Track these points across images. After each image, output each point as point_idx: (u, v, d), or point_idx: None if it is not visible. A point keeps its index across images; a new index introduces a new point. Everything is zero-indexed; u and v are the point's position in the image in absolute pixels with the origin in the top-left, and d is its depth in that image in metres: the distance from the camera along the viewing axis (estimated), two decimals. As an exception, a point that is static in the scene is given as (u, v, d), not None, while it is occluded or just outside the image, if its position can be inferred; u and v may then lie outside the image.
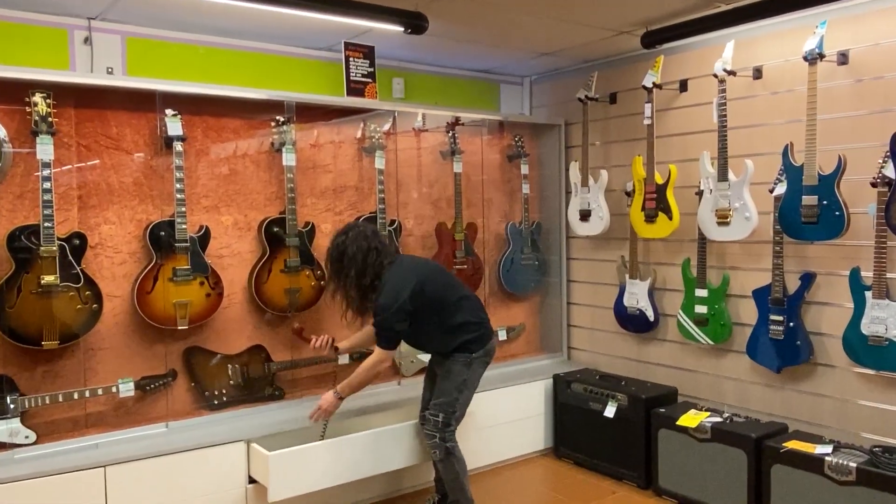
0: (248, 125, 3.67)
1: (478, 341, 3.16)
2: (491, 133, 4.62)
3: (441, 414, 3.13)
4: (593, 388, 4.10)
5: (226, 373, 3.59)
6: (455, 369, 3.12)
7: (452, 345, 3.13)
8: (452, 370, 3.13)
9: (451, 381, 3.12)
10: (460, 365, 3.13)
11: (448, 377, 3.14)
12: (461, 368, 3.13)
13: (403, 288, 2.98)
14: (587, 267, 4.65)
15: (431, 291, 3.06)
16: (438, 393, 3.14)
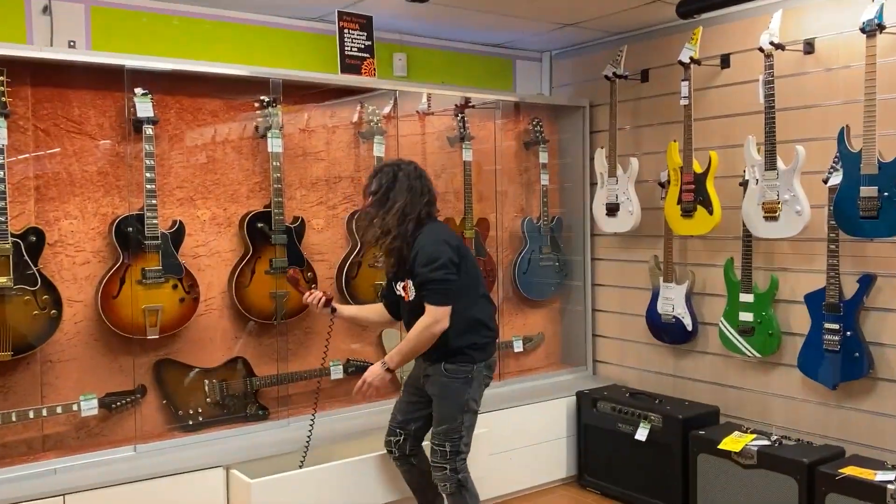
0: (228, 107, 3.64)
1: (483, 349, 3.08)
2: (505, 116, 4.59)
3: (447, 443, 3.03)
4: (623, 408, 4.06)
5: (202, 389, 3.56)
6: (454, 388, 3.01)
7: (457, 343, 3.01)
8: (450, 388, 3.02)
9: (452, 402, 3.02)
10: (460, 383, 3.02)
11: (446, 398, 3.03)
12: (461, 387, 3.02)
13: (451, 241, 2.98)
14: (615, 268, 4.61)
15: (466, 267, 3.03)
16: (439, 419, 3.05)
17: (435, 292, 2.93)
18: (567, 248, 4.78)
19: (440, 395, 3.04)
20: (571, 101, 4.72)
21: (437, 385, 3.04)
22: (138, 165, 3.32)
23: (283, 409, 3.72)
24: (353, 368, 3.92)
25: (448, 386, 3.02)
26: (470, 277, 3.04)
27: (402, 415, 3.23)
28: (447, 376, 3.02)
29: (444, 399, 3.04)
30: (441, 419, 3.04)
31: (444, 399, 3.04)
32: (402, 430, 3.21)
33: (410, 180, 3.02)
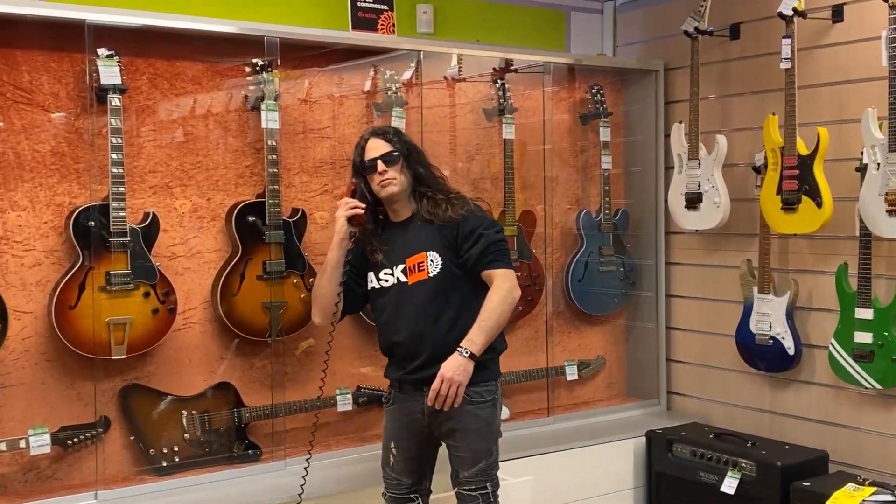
0: (213, 72, 3.66)
1: (497, 359, 3.19)
2: (557, 83, 4.58)
3: (488, 483, 3.07)
4: (705, 452, 4.04)
5: (179, 423, 3.58)
6: (484, 415, 3.05)
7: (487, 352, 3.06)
8: (479, 418, 3.04)
9: (486, 432, 3.07)
10: (489, 407, 3.07)
11: (478, 430, 3.05)
12: (491, 412, 3.09)
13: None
14: (696, 276, 4.58)
15: None
16: (472, 457, 3.05)
17: (505, 254, 3.09)
18: (634, 250, 4.75)
19: (467, 428, 3.05)
20: (641, 63, 4.69)
21: (463, 416, 3.04)
22: (102, 144, 3.35)
23: (278, 447, 3.73)
24: (364, 398, 3.94)
25: (476, 415, 3.05)
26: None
27: (409, 476, 3.20)
28: (474, 402, 3.03)
29: (476, 432, 3.06)
30: (475, 457, 3.06)
31: (475, 432, 3.06)
32: (416, 493, 3.21)
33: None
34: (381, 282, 3.14)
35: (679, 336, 4.70)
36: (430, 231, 3.08)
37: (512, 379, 4.35)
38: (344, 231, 3.13)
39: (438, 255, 3.06)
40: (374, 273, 3.15)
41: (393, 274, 3.11)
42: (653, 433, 4.27)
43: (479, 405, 3.04)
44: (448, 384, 2.92)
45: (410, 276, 3.08)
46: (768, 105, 4.09)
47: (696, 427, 4.36)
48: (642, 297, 4.78)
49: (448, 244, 3.06)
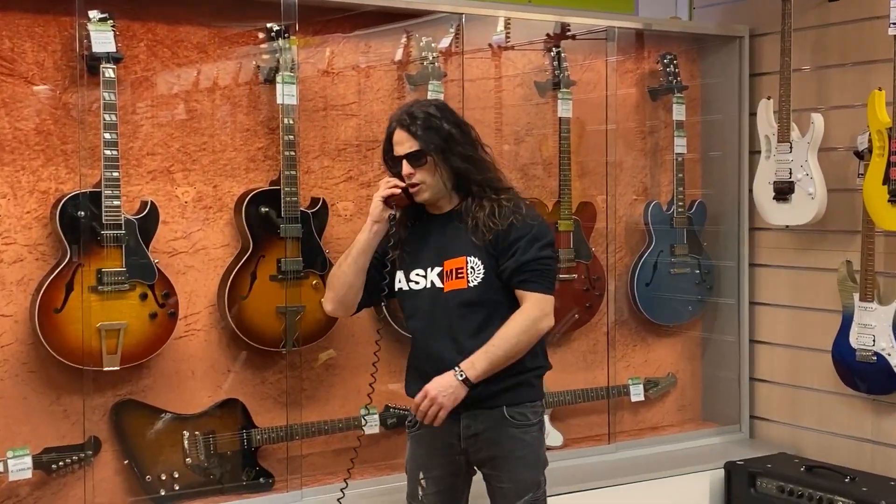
0: (220, 38, 3.70)
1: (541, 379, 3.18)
2: (622, 52, 4.57)
3: None
4: (796, 488, 4.02)
5: (179, 445, 3.61)
6: (530, 440, 3.05)
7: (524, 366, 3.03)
8: (525, 443, 3.04)
9: (532, 461, 3.06)
10: (536, 430, 3.07)
11: (523, 458, 3.04)
12: (537, 436, 3.09)
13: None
14: (786, 280, 4.56)
15: None
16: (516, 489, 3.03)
17: (545, 275, 3.02)
18: (713, 249, 4.74)
19: (510, 455, 3.04)
20: (722, 28, 4.67)
21: (503, 441, 3.04)
22: (94, 122, 3.39)
23: (294, 475, 3.75)
24: (393, 420, 3.96)
25: (521, 440, 3.04)
26: None
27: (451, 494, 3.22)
28: (517, 425, 3.02)
29: (521, 460, 3.04)
30: (520, 489, 3.05)
31: (520, 460, 3.04)
32: None
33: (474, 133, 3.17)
34: (410, 283, 3.09)
35: (764, 351, 4.67)
36: (474, 233, 3.02)
37: (566, 399, 4.36)
38: (378, 213, 3.06)
39: (481, 263, 3.00)
40: (404, 271, 3.10)
41: (426, 276, 3.07)
42: (732, 465, 4.25)
43: (525, 428, 3.03)
44: (429, 403, 2.93)
45: (447, 283, 3.03)
46: (873, 78, 4.06)
47: (783, 458, 4.33)
48: (721, 305, 4.76)
49: (491, 251, 3.01)
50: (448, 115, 3.05)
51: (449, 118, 3.04)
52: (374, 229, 3.07)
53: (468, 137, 3.06)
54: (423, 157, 2.97)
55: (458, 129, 3.04)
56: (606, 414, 4.51)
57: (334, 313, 3.26)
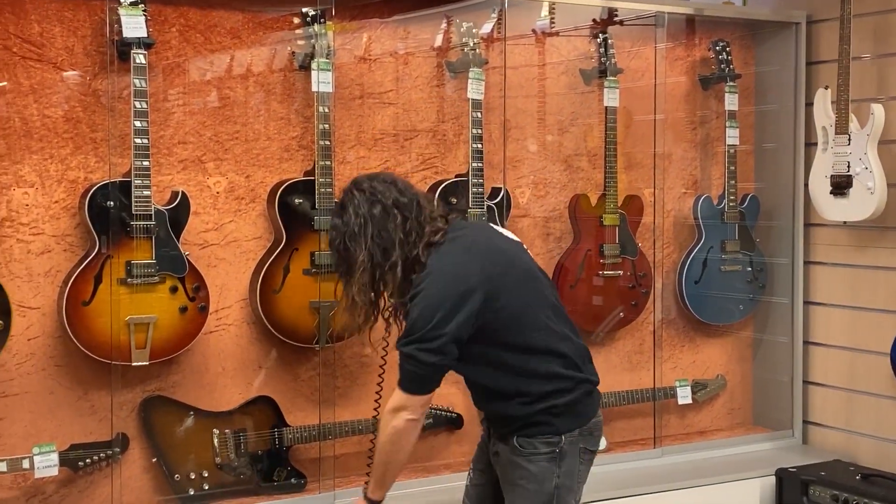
0: (254, 23, 3.72)
1: (572, 411, 2.96)
2: (672, 38, 4.57)
3: None
4: (850, 497, 4.00)
5: (209, 443, 3.64)
6: (534, 471, 2.92)
7: (522, 412, 2.99)
8: (528, 472, 2.94)
9: (534, 492, 2.92)
10: (543, 461, 2.94)
11: (524, 486, 2.92)
12: (545, 467, 2.92)
13: (458, 283, 2.81)
14: (842, 278, 4.55)
15: (510, 300, 2.88)
16: None
17: (403, 370, 2.84)
18: (766, 246, 4.72)
19: (514, 482, 2.95)
20: (778, 13, 4.65)
21: (510, 467, 2.97)
22: (124, 109, 3.42)
23: (326, 477, 3.78)
24: (429, 421, 3.97)
25: (525, 468, 2.93)
26: (511, 316, 2.88)
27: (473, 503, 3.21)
28: (523, 454, 2.94)
29: (521, 489, 2.94)
30: None
31: (520, 489, 2.94)
32: None
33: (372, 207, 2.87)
34: None
35: (819, 353, 4.65)
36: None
37: (610, 401, 4.35)
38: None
39: None
40: None
41: None
42: (784, 472, 4.23)
43: (530, 457, 2.91)
44: None
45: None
46: (938, 67, 4.04)
47: (838, 466, 4.31)
48: (774, 304, 4.74)
49: None
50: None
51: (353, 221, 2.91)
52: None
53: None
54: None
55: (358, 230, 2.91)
56: (652, 417, 4.50)
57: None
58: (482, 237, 3.00)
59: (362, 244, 2.84)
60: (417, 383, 2.83)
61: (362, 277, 2.86)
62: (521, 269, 2.96)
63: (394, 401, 2.87)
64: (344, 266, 2.91)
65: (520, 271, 2.94)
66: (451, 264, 2.83)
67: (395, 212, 2.86)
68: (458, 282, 2.79)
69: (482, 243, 2.94)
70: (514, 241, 3.08)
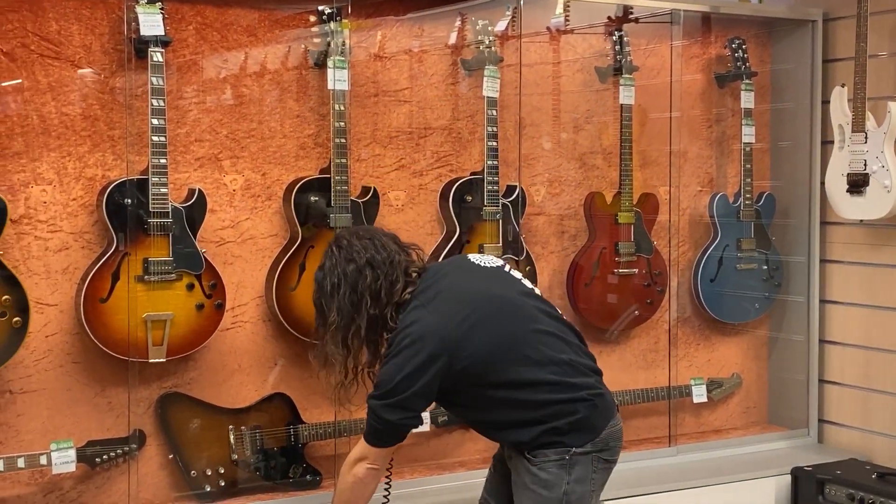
0: (270, 21, 3.75)
1: (578, 429, 2.95)
2: (688, 36, 4.58)
3: None
4: (867, 497, 4.00)
5: (225, 440, 3.67)
6: (544, 477, 2.93)
7: (527, 437, 2.96)
8: (539, 478, 2.93)
9: (541, 493, 2.93)
10: (555, 468, 2.93)
11: (535, 490, 2.94)
12: (557, 473, 2.93)
13: (419, 347, 2.85)
14: (858, 277, 4.55)
15: (479, 347, 2.88)
16: None
17: (368, 423, 2.95)
18: (781, 244, 4.73)
19: (525, 485, 2.97)
20: (794, 11, 4.65)
21: (521, 471, 2.99)
22: (141, 107, 3.45)
23: (342, 474, 3.82)
24: (445, 417, 3.99)
25: (533, 474, 2.95)
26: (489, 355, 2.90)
27: (496, 499, 3.22)
28: (533, 463, 2.95)
29: (530, 493, 2.95)
30: None
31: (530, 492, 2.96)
32: None
33: (345, 267, 2.96)
34: None
35: (835, 352, 4.65)
36: None
37: (625, 399, 4.37)
38: None
39: None
40: None
41: None
42: (800, 471, 4.23)
43: (541, 464, 2.93)
44: None
45: None
46: (955, 65, 4.04)
47: (854, 465, 4.31)
48: (790, 303, 4.75)
49: None
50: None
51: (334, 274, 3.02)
52: None
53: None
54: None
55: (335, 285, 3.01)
56: (667, 415, 4.52)
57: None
58: (448, 285, 2.99)
59: (334, 304, 2.95)
60: (378, 437, 2.96)
61: (335, 335, 2.97)
62: (494, 305, 2.96)
63: (357, 451, 3.03)
64: (320, 320, 3.02)
65: (491, 308, 2.95)
66: (414, 328, 2.88)
67: (367, 271, 2.95)
68: (419, 346, 2.86)
69: (446, 295, 2.95)
70: (490, 270, 3.08)
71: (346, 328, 2.95)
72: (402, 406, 2.88)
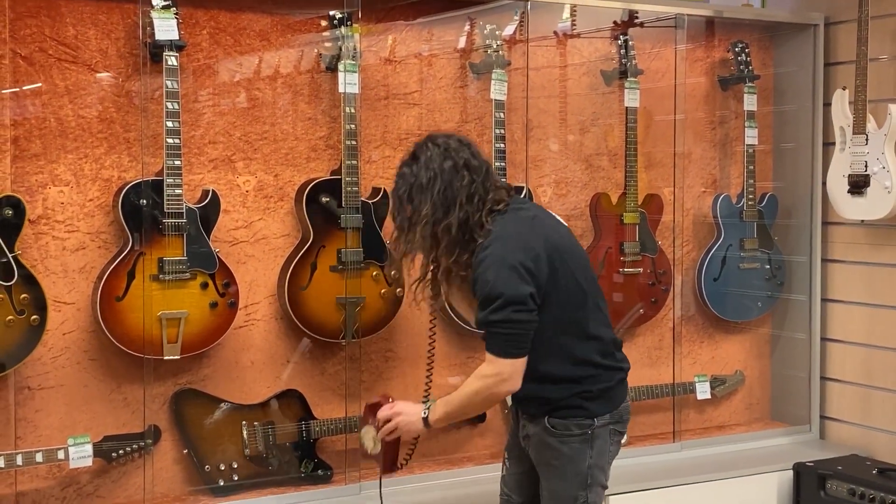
0: (282, 26, 3.76)
1: (605, 396, 3.00)
2: (692, 39, 4.57)
3: None
4: (868, 492, 3.99)
5: (238, 435, 3.69)
6: (567, 452, 2.97)
7: (558, 394, 2.99)
8: (562, 454, 2.98)
9: (566, 473, 2.98)
10: (577, 443, 2.97)
11: (557, 468, 2.98)
12: (578, 449, 2.97)
13: (527, 249, 2.83)
14: (860, 276, 4.54)
15: (559, 280, 2.88)
16: (550, 496, 3.02)
17: (493, 337, 2.85)
18: (784, 244, 4.72)
19: (548, 463, 3.01)
20: (796, 15, 4.64)
21: (543, 448, 3.01)
22: (156, 110, 3.46)
23: (352, 469, 3.80)
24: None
25: (557, 450, 2.98)
26: (567, 293, 2.92)
27: (520, 494, 3.20)
28: (556, 435, 2.98)
29: (555, 469, 3.00)
30: (553, 499, 3.03)
31: (554, 469, 3.00)
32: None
33: (440, 164, 2.90)
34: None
35: (837, 349, 4.65)
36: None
37: (631, 396, 4.31)
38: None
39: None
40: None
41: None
42: (802, 466, 4.23)
43: (563, 438, 2.95)
44: (391, 422, 2.98)
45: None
46: (955, 68, 4.04)
47: (855, 460, 4.31)
48: (792, 301, 4.74)
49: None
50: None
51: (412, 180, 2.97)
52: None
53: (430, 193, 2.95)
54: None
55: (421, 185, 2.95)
56: (671, 412, 4.51)
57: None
58: (543, 214, 3.11)
59: (428, 197, 2.87)
60: (516, 344, 2.84)
61: (424, 230, 2.89)
62: (578, 250, 3.06)
63: (496, 369, 2.85)
64: (404, 215, 2.94)
65: (577, 252, 3.04)
66: (517, 232, 2.88)
67: (464, 172, 2.89)
68: (527, 248, 2.84)
69: (543, 219, 3.03)
70: (567, 227, 3.17)
71: (436, 223, 2.87)
72: (527, 300, 2.80)
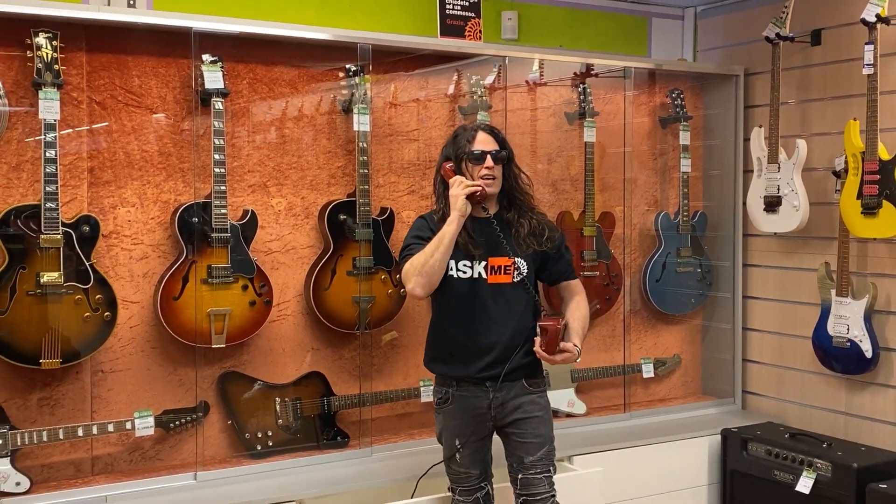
0: (307, 76, 3.76)
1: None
2: (637, 87, 4.57)
3: (551, 467, 3.11)
4: (781, 452, 4.01)
5: (272, 409, 3.69)
6: (543, 402, 3.15)
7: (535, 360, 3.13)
8: (541, 405, 3.14)
9: (546, 416, 3.15)
10: (545, 398, 3.18)
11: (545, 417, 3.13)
12: (548, 401, 3.19)
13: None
14: (774, 277, 4.55)
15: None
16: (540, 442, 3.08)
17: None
18: (712, 252, 4.73)
19: (532, 415, 3.10)
20: (721, 67, 4.66)
21: (527, 405, 3.10)
22: (206, 145, 3.47)
23: (365, 436, 3.81)
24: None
25: (539, 403, 3.14)
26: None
27: (477, 467, 3.16)
28: (534, 391, 3.13)
29: (540, 419, 3.12)
30: (542, 441, 3.10)
31: (539, 419, 3.12)
32: (485, 482, 3.20)
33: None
34: (458, 271, 3.04)
35: (755, 337, 4.66)
36: (517, 238, 3.05)
37: (589, 375, 4.38)
38: (463, 208, 2.93)
39: (525, 265, 3.05)
40: (455, 260, 3.02)
41: (472, 268, 3.04)
42: (728, 431, 4.24)
43: (538, 394, 3.13)
44: (567, 356, 2.99)
45: (491, 276, 3.02)
46: (849, 110, 4.05)
47: (771, 427, 4.32)
48: (719, 298, 4.76)
49: (537, 258, 3.09)
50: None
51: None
52: (460, 222, 2.94)
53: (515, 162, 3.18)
54: (503, 157, 3.07)
55: (512, 150, 3.15)
56: (622, 388, 4.52)
57: (424, 297, 3.08)
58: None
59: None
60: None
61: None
62: None
63: (583, 289, 3.27)
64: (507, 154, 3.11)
65: None
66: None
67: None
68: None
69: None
70: None
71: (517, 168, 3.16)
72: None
